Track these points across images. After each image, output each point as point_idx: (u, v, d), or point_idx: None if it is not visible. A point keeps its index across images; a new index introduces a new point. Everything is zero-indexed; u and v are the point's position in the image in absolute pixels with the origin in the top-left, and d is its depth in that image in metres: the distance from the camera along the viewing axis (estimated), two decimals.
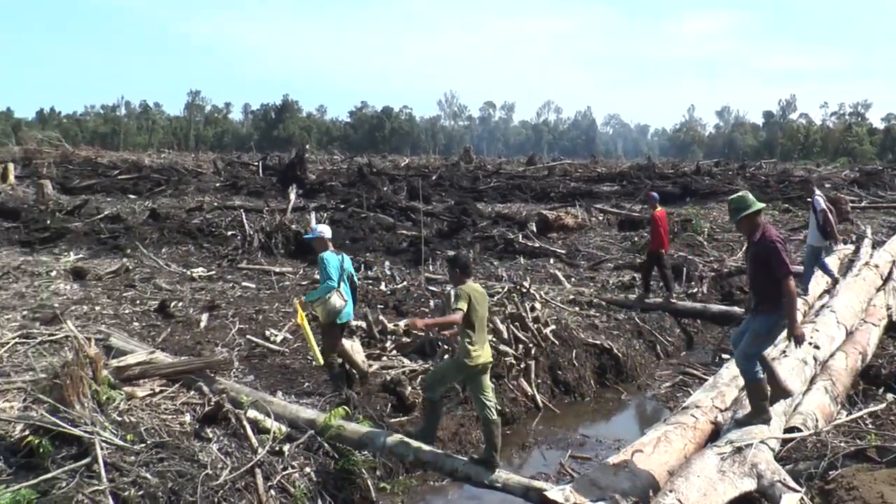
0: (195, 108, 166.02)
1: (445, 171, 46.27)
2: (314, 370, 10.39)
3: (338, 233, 20.99)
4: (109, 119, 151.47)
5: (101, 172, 40.15)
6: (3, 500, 6.12)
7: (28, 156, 45.31)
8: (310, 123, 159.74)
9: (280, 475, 7.58)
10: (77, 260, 18.11)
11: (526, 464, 9.78)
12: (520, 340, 12.02)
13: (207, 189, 34.06)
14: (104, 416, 7.53)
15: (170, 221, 23.14)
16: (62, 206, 26.40)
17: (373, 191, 30.44)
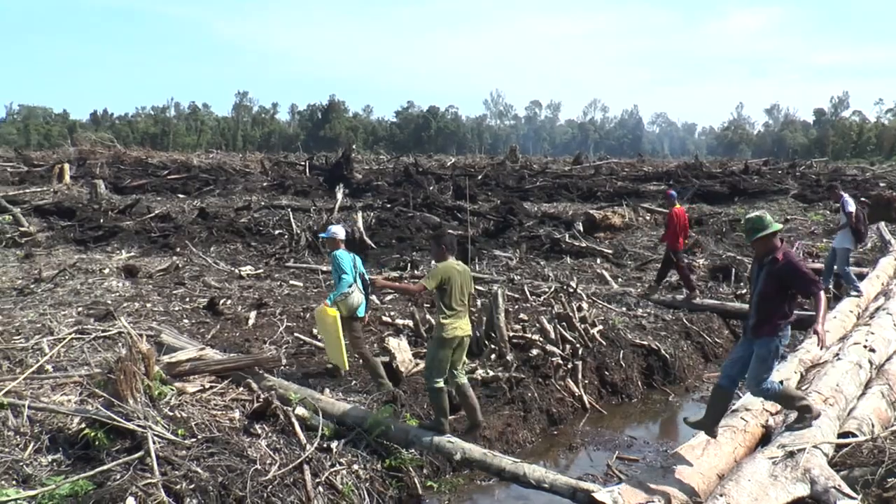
0: (243, 108, 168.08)
1: (491, 170, 46.12)
2: (360, 368, 10.43)
3: (384, 232, 21.13)
4: (159, 120, 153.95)
5: (151, 172, 40.68)
6: (63, 489, 6.26)
7: (83, 156, 46.14)
8: (356, 123, 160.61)
9: (328, 472, 7.63)
10: (129, 258, 18.42)
11: (573, 464, 9.73)
12: (567, 340, 11.96)
13: (255, 188, 34.33)
14: (156, 411, 7.66)
15: (218, 220, 23.43)
16: (114, 206, 26.86)
17: (419, 190, 30.45)
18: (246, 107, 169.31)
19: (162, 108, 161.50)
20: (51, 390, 8.63)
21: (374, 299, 14.38)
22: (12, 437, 7.41)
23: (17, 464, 6.96)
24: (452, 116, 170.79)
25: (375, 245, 19.98)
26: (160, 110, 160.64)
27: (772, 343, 7.33)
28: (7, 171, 38.08)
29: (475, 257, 18.61)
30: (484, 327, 11.56)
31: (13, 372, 9.16)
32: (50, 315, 12.17)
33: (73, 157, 45.09)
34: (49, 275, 15.61)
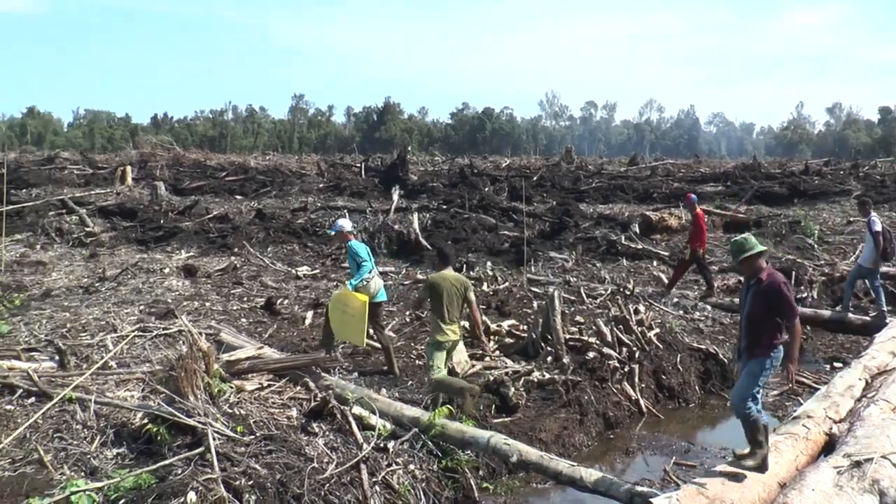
0: (299, 111, 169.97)
1: (547, 171, 45.91)
2: (417, 369, 10.48)
3: (440, 233, 21.15)
4: (217, 123, 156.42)
5: (209, 174, 41.27)
6: (127, 482, 6.40)
7: (144, 159, 47.01)
8: (411, 125, 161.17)
9: (384, 471, 7.65)
10: (188, 258, 18.75)
11: (629, 469, 9.62)
12: (623, 343, 11.84)
13: (311, 190, 34.63)
14: (216, 408, 7.77)
15: (275, 221, 23.70)
16: (174, 207, 27.35)
17: (474, 191, 30.42)
18: (302, 109, 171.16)
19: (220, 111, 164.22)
20: (115, 386, 8.86)
21: None
22: (80, 430, 7.64)
23: (85, 456, 7.18)
24: (507, 117, 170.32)
25: (431, 246, 19.99)
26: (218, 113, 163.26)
27: (765, 361, 7.29)
28: (73, 173, 38.96)
29: (531, 259, 18.54)
30: (540, 329, 11.50)
31: (80, 367, 9.40)
32: (113, 313, 12.45)
33: (135, 160, 45.99)
34: (112, 274, 15.98)
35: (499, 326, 12.22)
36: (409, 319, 12.89)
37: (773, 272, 7.45)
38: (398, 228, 20.69)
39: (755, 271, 7.44)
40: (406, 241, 20.12)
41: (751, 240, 7.49)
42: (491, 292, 15.37)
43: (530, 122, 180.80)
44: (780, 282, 7.31)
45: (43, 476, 6.81)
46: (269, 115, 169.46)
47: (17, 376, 8.77)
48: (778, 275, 7.45)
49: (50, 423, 7.74)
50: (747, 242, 7.44)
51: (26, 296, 13.96)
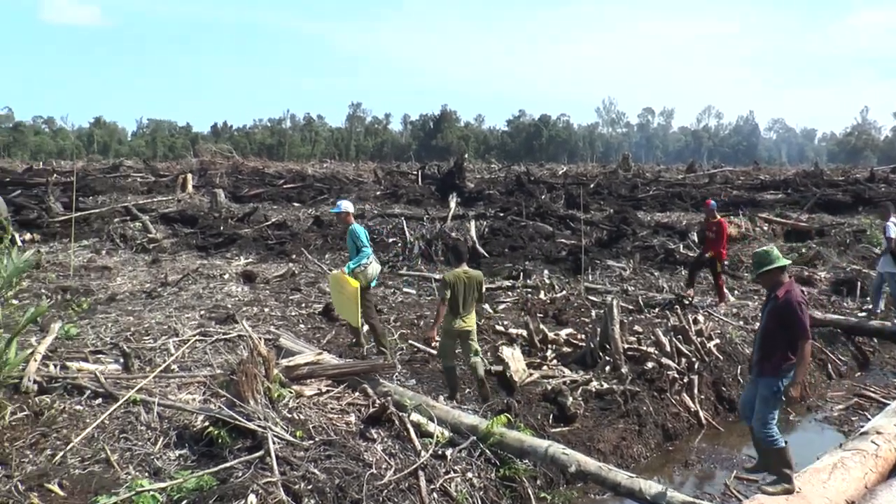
0: (356, 119, 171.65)
1: (603, 179, 45.64)
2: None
3: (497, 241, 21.12)
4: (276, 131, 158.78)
5: (267, 182, 41.84)
6: (189, 483, 6.51)
7: (204, 167, 47.90)
8: (467, 133, 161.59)
9: (442, 479, 7.65)
10: (247, 264, 18.99)
11: (688, 482, 9.50)
12: (682, 354, 11.72)
13: (368, 197, 34.91)
14: (275, 413, 7.85)
15: (332, 228, 23.85)
16: (233, 214, 27.77)
17: (531, 199, 30.30)
18: (359, 117, 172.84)
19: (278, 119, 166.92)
20: (177, 389, 9.00)
21: (487, 308, 14.40)
22: (144, 431, 7.79)
23: (149, 456, 7.32)
24: (564, 125, 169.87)
25: (488, 254, 19.98)
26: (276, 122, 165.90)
27: (774, 383, 7.29)
28: (137, 181, 39.82)
29: (588, 267, 18.41)
30: (598, 339, 11.42)
31: (143, 370, 9.58)
32: (175, 317, 12.65)
33: (196, 168, 46.85)
34: (174, 279, 16.26)
35: (556, 335, 12.15)
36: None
37: (792, 289, 7.39)
38: (455, 236, 20.69)
39: (775, 285, 7.44)
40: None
41: (773, 253, 7.49)
42: (548, 301, 15.28)
43: (587, 129, 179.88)
44: (795, 300, 7.25)
45: (110, 475, 6.96)
46: (327, 124, 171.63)
47: (86, 377, 8.99)
48: (796, 293, 7.37)
49: (116, 423, 7.91)
50: (769, 255, 7.45)
51: (93, 300, 14.31)
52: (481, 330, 12.52)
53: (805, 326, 7.17)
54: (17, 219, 23.02)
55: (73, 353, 10.24)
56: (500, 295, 15.92)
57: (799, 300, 7.27)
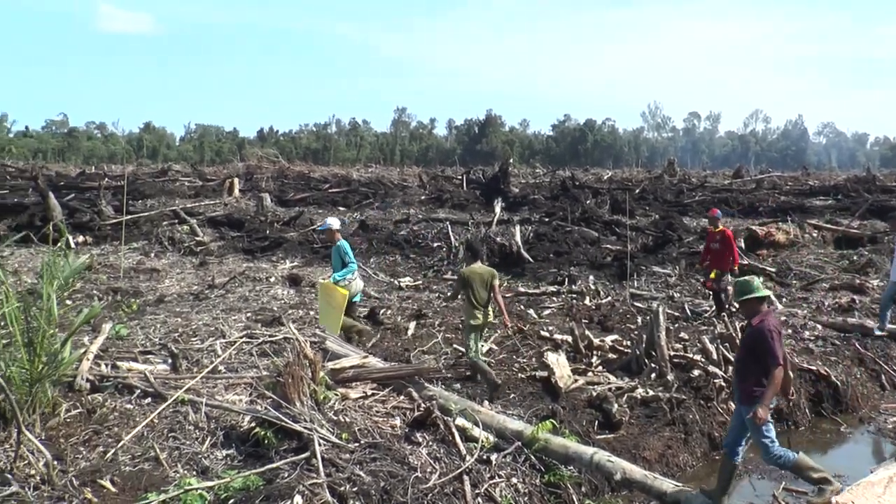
0: (401, 124, 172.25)
1: (649, 184, 45.13)
2: (520, 382, 10.44)
3: (542, 246, 21.03)
4: (321, 136, 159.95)
5: (313, 186, 42.10)
6: (236, 483, 6.57)
7: (250, 171, 48.40)
8: (512, 137, 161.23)
9: (487, 484, 7.63)
10: (292, 267, 19.18)
11: (736, 492, 9.31)
12: (730, 362, 11.52)
13: (413, 202, 34.97)
14: (321, 415, 7.91)
15: (377, 233, 24.02)
16: (279, 217, 28.03)
17: (576, 204, 30.10)
18: (404, 122, 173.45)
19: (324, 124, 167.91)
20: (224, 390, 9.11)
21: (532, 313, 14.37)
22: (192, 430, 7.90)
23: (197, 455, 7.42)
24: (609, 129, 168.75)
25: (533, 259, 19.91)
26: (322, 127, 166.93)
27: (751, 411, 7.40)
28: (185, 185, 40.39)
29: (633, 273, 18.26)
30: (644, 345, 11.31)
31: (191, 371, 9.71)
32: (222, 319, 12.82)
33: (242, 172, 47.35)
34: (221, 282, 16.47)
35: (601, 341, 12.06)
36: (511, 333, 12.86)
37: (767, 319, 7.55)
38: (500, 241, 20.67)
39: (753, 314, 7.66)
40: (508, 254, 20.06)
41: (754, 283, 7.73)
42: (593, 306, 15.20)
43: (632, 133, 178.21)
44: (767, 328, 7.42)
45: (159, 473, 7.07)
46: (372, 128, 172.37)
47: (135, 377, 9.14)
48: (770, 322, 7.54)
49: (165, 422, 8.03)
50: (749, 285, 7.71)
51: (142, 301, 14.55)
52: (526, 335, 12.52)
53: (775, 354, 7.32)
54: (71, 221, 23.51)
55: (123, 353, 10.45)
56: (544, 300, 15.86)
57: (771, 328, 7.44)
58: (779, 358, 7.34)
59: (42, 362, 7.80)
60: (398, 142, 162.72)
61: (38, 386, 7.77)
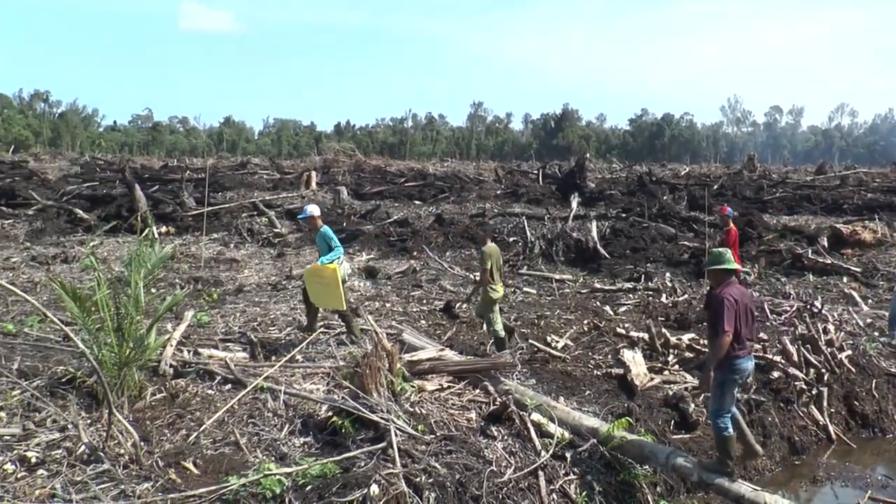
0: (477, 118, 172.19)
1: (727, 180, 44.12)
2: (595, 379, 10.36)
3: (619, 242, 20.83)
4: (397, 130, 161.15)
5: (389, 180, 42.36)
6: (314, 470, 6.68)
7: (327, 164, 48.94)
8: (589, 132, 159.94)
9: (562, 480, 7.61)
10: (369, 260, 19.35)
11: (816, 499, 9.15)
12: (811, 364, 11.26)
13: (488, 196, 34.95)
14: (398, 406, 7.97)
15: (453, 226, 24.05)
16: (356, 210, 28.33)
17: (653, 200, 29.69)
18: (480, 117, 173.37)
19: (400, 119, 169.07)
20: (301, 378, 9.28)
21: (608, 310, 14.25)
22: (271, 417, 8.07)
23: (276, 442, 7.58)
24: (687, 124, 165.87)
25: (609, 255, 19.72)
26: (398, 121, 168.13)
27: (724, 374, 7.58)
28: (263, 177, 41.10)
29: None
30: None
31: (269, 359, 9.91)
32: (299, 309, 13.00)
33: (319, 166, 47.91)
34: (298, 273, 16.69)
35: (678, 340, 11.87)
36: (587, 329, 12.76)
37: (729, 289, 7.68)
38: (576, 236, 20.52)
39: (717, 283, 7.86)
40: (584, 250, 19.91)
41: (726, 256, 7.92)
42: (670, 304, 14.98)
43: (710, 128, 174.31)
44: (725, 296, 7.58)
45: (239, 457, 7.24)
46: (448, 123, 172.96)
47: (216, 364, 9.38)
48: (731, 291, 7.67)
49: (244, 408, 8.22)
50: (721, 257, 7.91)
51: (222, 290, 14.88)
52: (602, 332, 12.41)
53: (724, 321, 7.43)
54: (155, 212, 24.15)
55: (204, 341, 10.73)
56: (620, 297, 15.70)
57: (728, 297, 7.56)
58: (725, 326, 7.42)
59: (129, 347, 8.07)
60: (474, 136, 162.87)
61: (126, 369, 8.05)
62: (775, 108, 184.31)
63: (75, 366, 8.78)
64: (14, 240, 21.93)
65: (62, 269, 17.27)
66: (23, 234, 22.81)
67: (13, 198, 29.01)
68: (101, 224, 23.58)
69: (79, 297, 7.95)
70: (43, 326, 11.34)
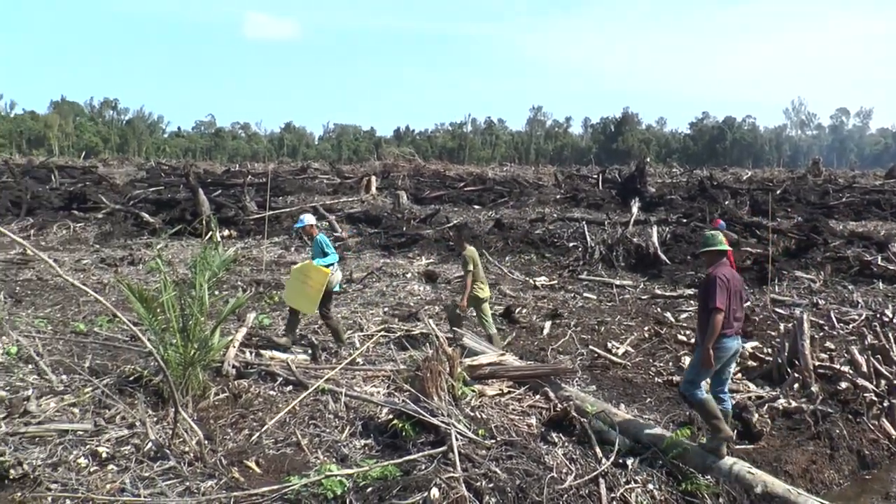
0: (536, 123, 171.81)
1: (791, 184, 43.06)
2: (657, 386, 10.25)
3: (679, 248, 20.55)
4: (457, 135, 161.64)
5: (448, 184, 42.39)
6: (374, 472, 6.73)
7: (386, 169, 49.27)
8: (649, 136, 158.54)
9: (623, 488, 7.51)
10: (428, 264, 19.41)
11: None
12: (882, 375, 10.97)
13: (548, 201, 34.77)
14: (458, 410, 7.98)
15: (513, 231, 23.99)
16: (415, 215, 28.44)
17: (714, 205, 29.19)
18: (540, 121, 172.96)
19: (459, 123, 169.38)
20: (362, 381, 9.35)
21: (669, 316, 14.07)
22: (331, 419, 8.17)
23: (336, 444, 7.67)
24: (749, 127, 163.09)
25: (670, 261, 19.48)
26: (457, 126, 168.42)
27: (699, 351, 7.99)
28: (323, 182, 41.51)
29: (775, 278, 17.56)
30: (786, 354, 10.89)
31: (330, 362, 10.02)
32: (360, 313, 13.13)
33: (379, 170, 48.24)
34: (359, 276, 16.86)
35: (741, 348, 11.66)
36: (648, 335, 12.62)
37: (720, 270, 8.06)
38: (637, 241, 20.31)
39: (710, 264, 8.26)
40: (644, 255, 19.70)
41: (718, 237, 8.37)
42: None
43: (773, 131, 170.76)
44: (716, 276, 7.94)
45: (300, 458, 7.34)
46: (507, 127, 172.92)
47: (277, 366, 9.51)
48: (723, 271, 8.06)
49: (306, 410, 8.33)
50: (712, 239, 8.36)
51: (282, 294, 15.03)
52: (663, 339, 12.27)
53: (716, 298, 7.76)
54: (217, 216, 24.57)
55: (265, 343, 10.85)
56: (681, 303, 15.48)
57: (720, 276, 7.93)
58: (717, 303, 7.73)
59: (194, 347, 8.24)
60: (533, 140, 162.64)
61: (191, 369, 8.22)
62: (842, 111, 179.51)
63: (142, 365, 9.01)
64: (84, 242, 22.61)
65: (129, 270, 17.70)
66: (92, 237, 23.49)
67: (84, 202, 29.94)
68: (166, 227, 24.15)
69: (145, 298, 8.15)
70: (111, 326, 11.67)
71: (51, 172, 40.01)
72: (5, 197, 30.48)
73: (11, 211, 28.43)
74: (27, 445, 6.95)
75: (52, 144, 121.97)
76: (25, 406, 7.83)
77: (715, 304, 7.74)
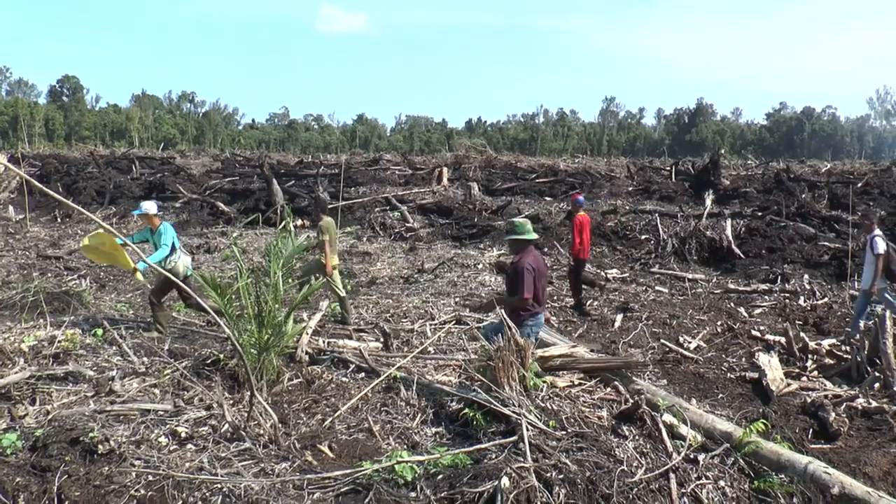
0: (609, 114, 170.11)
1: (874, 177, 41.65)
2: (728, 382, 10.11)
3: (754, 242, 20.19)
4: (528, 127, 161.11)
5: (520, 176, 42.26)
6: (445, 459, 6.79)
7: (458, 160, 49.29)
8: (723, 127, 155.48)
9: (693, 484, 7.42)
10: (499, 255, 19.43)
11: None
12: None
13: (620, 193, 34.43)
14: (529, 401, 7.97)
15: None
16: (487, 206, 28.45)
17: (791, 198, 28.50)
18: (612, 112, 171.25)
19: (531, 115, 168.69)
20: (433, 370, 9.43)
21: (742, 312, 13.85)
22: (403, 406, 8.27)
23: (408, 431, 7.76)
24: (829, 118, 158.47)
25: (744, 255, 19.14)
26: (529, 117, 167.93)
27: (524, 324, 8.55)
28: (395, 173, 41.80)
29: (853, 274, 17.09)
30: (866, 352, 10.62)
31: (401, 350, 10.12)
32: (431, 302, 13.23)
33: (450, 162, 48.29)
34: (430, 267, 16.99)
35: (817, 345, 11.42)
36: (720, 330, 12.44)
37: (525, 257, 8.51)
38: (710, 235, 20.00)
39: (516, 252, 8.68)
40: (718, 249, 19.42)
41: (526, 226, 8.71)
42: (808, 307, 14.43)
43: (855, 122, 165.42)
44: (523, 266, 8.41)
45: (372, 443, 7.46)
46: (580, 119, 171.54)
47: (350, 353, 9.65)
48: (529, 259, 8.49)
49: (378, 397, 8.45)
50: (520, 227, 8.71)
51: (355, 282, 15.26)
52: (737, 334, 12.09)
53: (522, 287, 8.38)
54: (291, 206, 24.96)
55: (338, 330, 11.08)
56: (755, 299, 15.22)
57: (528, 266, 8.41)
58: (525, 293, 8.38)
59: (269, 333, 8.42)
60: (606, 132, 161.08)
61: (265, 355, 8.40)
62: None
63: (218, 349, 9.24)
64: None
65: (205, 258, 18.12)
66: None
67: (163, 191, 30.88)
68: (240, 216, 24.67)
69: (219, 286, 8.37)
70: (189, 312, 11.98)
71: (132, 163, 41.27)
72: (91, 187, 31.65)
73: (96, 200, 29.54)
74: (113, 423, 7.21)
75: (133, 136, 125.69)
76: (111, 385, 8.14)
77: (523, 294, 8.40)
